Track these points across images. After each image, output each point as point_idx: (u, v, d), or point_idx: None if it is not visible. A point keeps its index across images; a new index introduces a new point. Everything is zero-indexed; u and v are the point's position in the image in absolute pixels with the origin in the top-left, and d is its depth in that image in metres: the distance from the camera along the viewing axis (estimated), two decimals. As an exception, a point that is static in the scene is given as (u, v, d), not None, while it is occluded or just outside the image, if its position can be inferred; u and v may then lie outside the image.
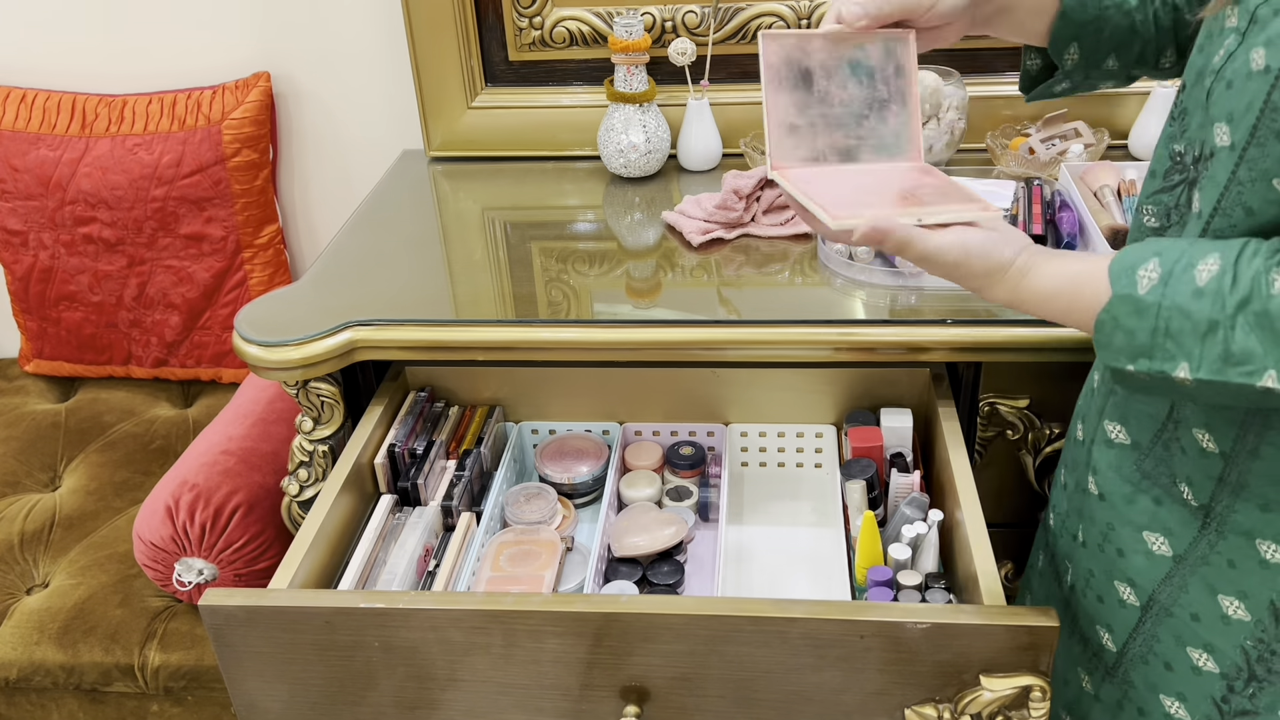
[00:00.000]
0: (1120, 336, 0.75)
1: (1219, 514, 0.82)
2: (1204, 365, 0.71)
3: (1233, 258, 0.71)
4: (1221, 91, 0.74)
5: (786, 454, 1.34)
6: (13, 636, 1.44)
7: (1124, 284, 0.75)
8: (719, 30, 1.59)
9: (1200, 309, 0.71)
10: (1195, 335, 0.71)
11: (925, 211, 0.82)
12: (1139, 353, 0.74)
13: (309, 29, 1.73)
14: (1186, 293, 0.71)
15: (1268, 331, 0.68)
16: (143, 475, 1.69)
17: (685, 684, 0.95)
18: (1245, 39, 0.72)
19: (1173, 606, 0.87)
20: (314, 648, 0.96)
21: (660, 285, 1.33)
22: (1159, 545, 0.88)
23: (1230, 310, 0.70)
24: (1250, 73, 0.71)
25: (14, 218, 1.77)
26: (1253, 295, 0.69)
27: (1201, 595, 0.85)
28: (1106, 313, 0.75)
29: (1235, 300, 0.69)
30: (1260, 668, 0.84)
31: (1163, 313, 0.72)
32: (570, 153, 1.68)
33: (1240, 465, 0.80)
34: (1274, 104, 0.69)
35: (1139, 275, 0.74)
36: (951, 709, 0.92)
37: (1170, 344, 0.72)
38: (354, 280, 1.36)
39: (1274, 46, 0.69)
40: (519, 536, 1.20)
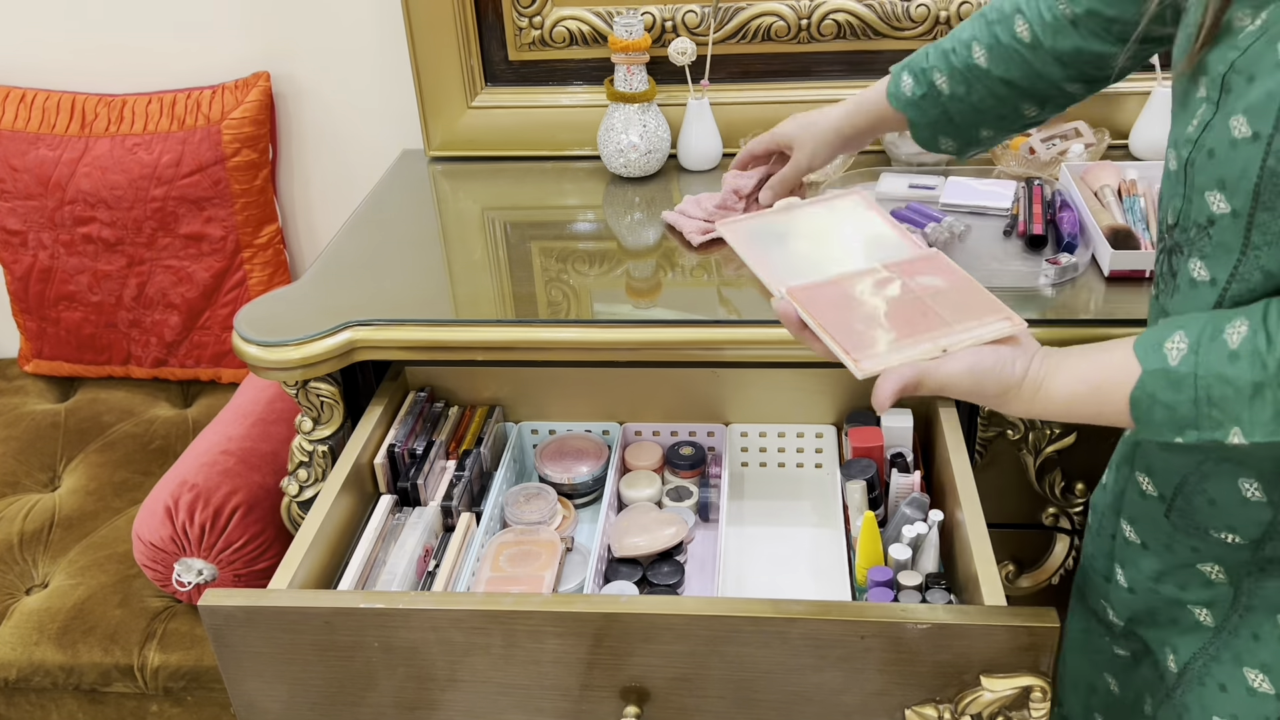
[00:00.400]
0: (1160, 411, 0.74)
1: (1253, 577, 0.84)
2: (1257, 429, 0.70)
3: (1259, 317, 0.71)
4: (1204, 161, 0.74)
5: (786, 454, 1.34)
6: (12, 637, 1.44)
7: (1153, 360, 0.74)
8: (719, 30, 1.59)
9: (1239, 373, 0.70)
10: (1241, 400, 0.71)
11: (950, 339, 0.79)
12: (1184, 425, 0.73)
13: (308, 29, 1.73)
14: (1221, 358, 0.71)
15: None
16: (142, 475, 1.69)
17: (685, 684, 0.95)
18: (1220, 107, 0.73)
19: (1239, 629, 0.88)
20: (314, 648, 0.96)
21: (660, 285, 1.33)
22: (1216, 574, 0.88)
23: (1273, 370, 0.69)
24: (1234, 140, 0.71)
25: (13, 218, 1.77)
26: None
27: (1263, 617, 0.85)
28: (1140, 390, 0.74)
29: (1276, 359, 0.69)
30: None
31: (1200, 381, 0.72)
32: (570, 153, 1.68)
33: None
34: (1271, 169, 0.69)
35: (1167, 349, 0.74)
36: (952, 709, 0.92)
37: (1216, 412, 0.72)
38: (354, 280, 1.36)
39: (1257, 114, 0.70)
40: (519, 537, 1.20)
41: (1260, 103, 0.69)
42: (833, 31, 1.57)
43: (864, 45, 1.58)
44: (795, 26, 1.58)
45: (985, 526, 1.03)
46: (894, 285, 0.86)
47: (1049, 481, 1.29)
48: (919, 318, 0.82)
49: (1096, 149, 1.50)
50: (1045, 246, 1.32)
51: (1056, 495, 1.30)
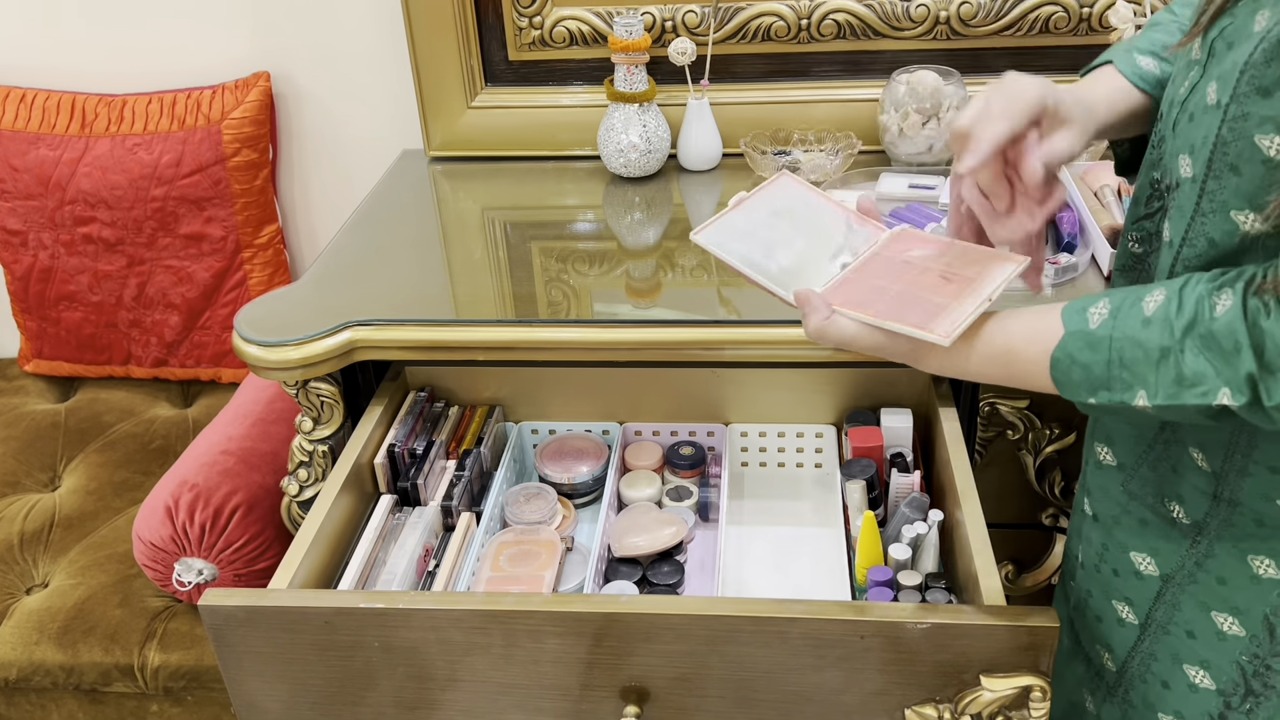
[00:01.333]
0: (1077, 371, 0.77)
1: (1213, 530, 0.83)
2: (1160, 391, 0.73)
3: (1177, 287, 0.73)
4: (1185, 124, 0.76)
5: (786, 454, 1.34)
6: (12, 636, 1.44)
7: (1076, 322, 0.77)
8: (719, 30, 1.59)
9: (1150, 337, 0.73)
10: (1149, 363, 0.73)
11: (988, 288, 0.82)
12: (1098, 385, 0.76)
13: (309, 29, 1.73)
14: (1136, 323, 0.74)
15: (1215, 352, 0.70)
16: (142, 475, 1.69)
17: (685, 684, 0.95)
18: (1205, 71, 0.74)
19: (1169, 624, 0.89)
20: (314, 648, 0.96)
21: (660, 285, 1.33)
22: (1146, 565, 0.89)
23: (1179, 335, 0.72)
24: (1206, 106, 0.73)
25: (14, 217, 1.77)
26: (1198, 319, 0.71)
27: (1195, 613, 0.86)
28: (1060, 350, 0.77)
29: (1182, 325, 0.72)
30: (1257, 682, 0.85)
31: (1114, 344, 0.75)
32: (570, 153, 1.68)
33: (1232, 483, 0.81)
34: (1223, 139, 0.71)
35: (1090, 313, 0.77)
36: (952, 709, 0.92)
37: (1126, 374, 0.74)
38: (354, 280, 1.36)
39: (1224, 82, 0.71)
40: (519, 536, 1.20)
41: (1228, 71, 0.71)
42: (833, 31, 1.57)
43: (864, 45, 1.58)
44: (795, 26, 1.58)
45: (985, 526, 1.03)
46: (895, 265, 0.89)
47: (1049, 481, 1.29)
48: (946, 284, 0.85)
49: (1096, 149, 1.50)
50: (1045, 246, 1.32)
51: (1056, 495, 1.30)
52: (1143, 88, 0.91)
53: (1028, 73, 0.89)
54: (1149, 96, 0.91)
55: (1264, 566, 0.81)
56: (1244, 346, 0.69)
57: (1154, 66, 0.91)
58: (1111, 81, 0.92)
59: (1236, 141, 0.71)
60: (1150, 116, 0.91)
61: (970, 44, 1.56)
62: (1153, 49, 0.92)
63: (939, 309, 0.82)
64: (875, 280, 0.88)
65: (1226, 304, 0.70)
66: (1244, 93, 0.69)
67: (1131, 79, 0.91)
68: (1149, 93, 0.91)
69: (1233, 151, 0.71)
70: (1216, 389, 0.70)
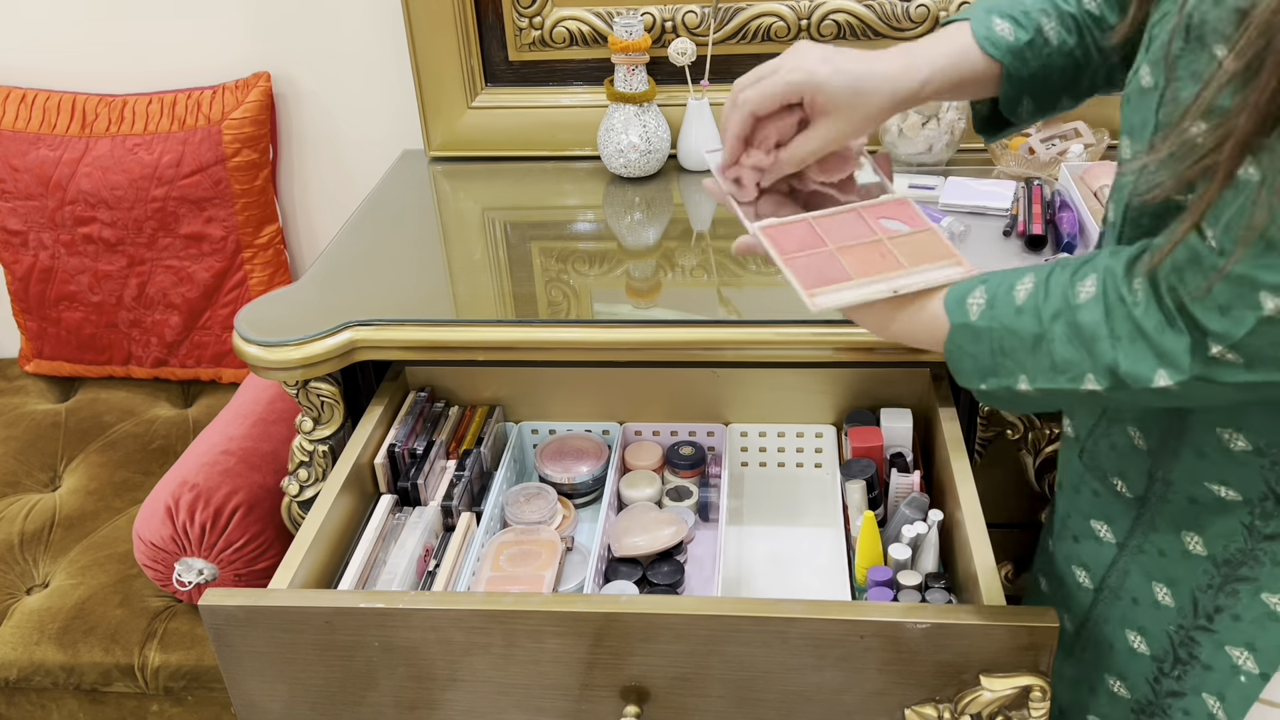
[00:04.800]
0: (967, 361, 0.80)
1: (1153, 505, 0.86)
2: (1038, 376, 0.76)
3: (1044, 275, 0.76)
4: (1128, 107, 0.77)
5: (786, 454, 1.34)
6: (13, 636, 1.44)
7: (958, 314, 0.80)
8: (719, 30, 1.59)
9: (1023, 325, 0.76)
10: (1025, 350, 0.76)
11: (901, 281, 0.84)
12: (986, 372, 0.79)
13: (309, 29, 1.73)
14: (1010, 312, 0.77)
15: (1079, 340, 0.73)
16: (143, 475, 1.69)
17: (685, 684, 0.95)
18: (1144, 55, 0.75)
19: (1119, 590, 0.91)
20: (314, 648, 0.96)
21: (660, 285, 1.33)
22: (1104, 532, 0.92)
23: (1047, 323, 0.75)
24: (1142, 89, 0.74)
25: (14, 218, 1.77)
26: (1063, 307, 0.74)
27: (1140, 580, 0.89)
28: (951, 342, 0.81)
29: (1049, 313, 0.75)
30: (1183, 651, 0.87)
31: (994, 334, 0.78)
32: (570, 153, 1.68)
33: (1165, 464, 0.83)
34: (1160, 122, 0.72)
35: (969, 304, 0.79)
36: (952, 709, 0.92)
37: (1008, 361, 0.77)
38: (354, 280, 1.36)
39: (1156, 66, 0.72)
40: (519, 536, 1.20)
41: (1157, 55, 0.72)
42: (833, 32, 1.57)
43: (864, 45, 1.58)
44: (795, 27, 1.58)
45: (985, 526, 1.03)
46: (860, 226, 0.89)
47: (1049, 481, 1.29)
48: (877, 259, 0.86)
49: (1096, 149, 1.50)
50: (1045, 246, 1.32)
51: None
52: (992, 53, 0.87)
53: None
54: (997, 63, 0.87)
55: (1194, 543, 0.84)
56: (1102, 337, 0.72)
57: (1009, 32, 0.87)
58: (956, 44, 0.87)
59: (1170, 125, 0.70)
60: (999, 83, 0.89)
61: (970, 44, 1.56)
62: (1012, 13, 0.88)
63: (840, 278, 0.84)
64: (825, 231, 0.88)
65: (1090, 291, 0.73)
66: (1177, 78, 0.69)
67: (982, 43, 0.87)
68: (998, 59, 0.87)
69: None
70: (1083, 375, 0.74)
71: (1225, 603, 0.83)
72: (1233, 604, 0.83)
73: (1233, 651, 0.84)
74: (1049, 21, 0.88)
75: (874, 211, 0.91)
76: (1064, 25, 0.88)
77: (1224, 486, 0.80)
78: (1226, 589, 0.83)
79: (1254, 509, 0.79)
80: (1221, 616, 0.84)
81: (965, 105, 1.52)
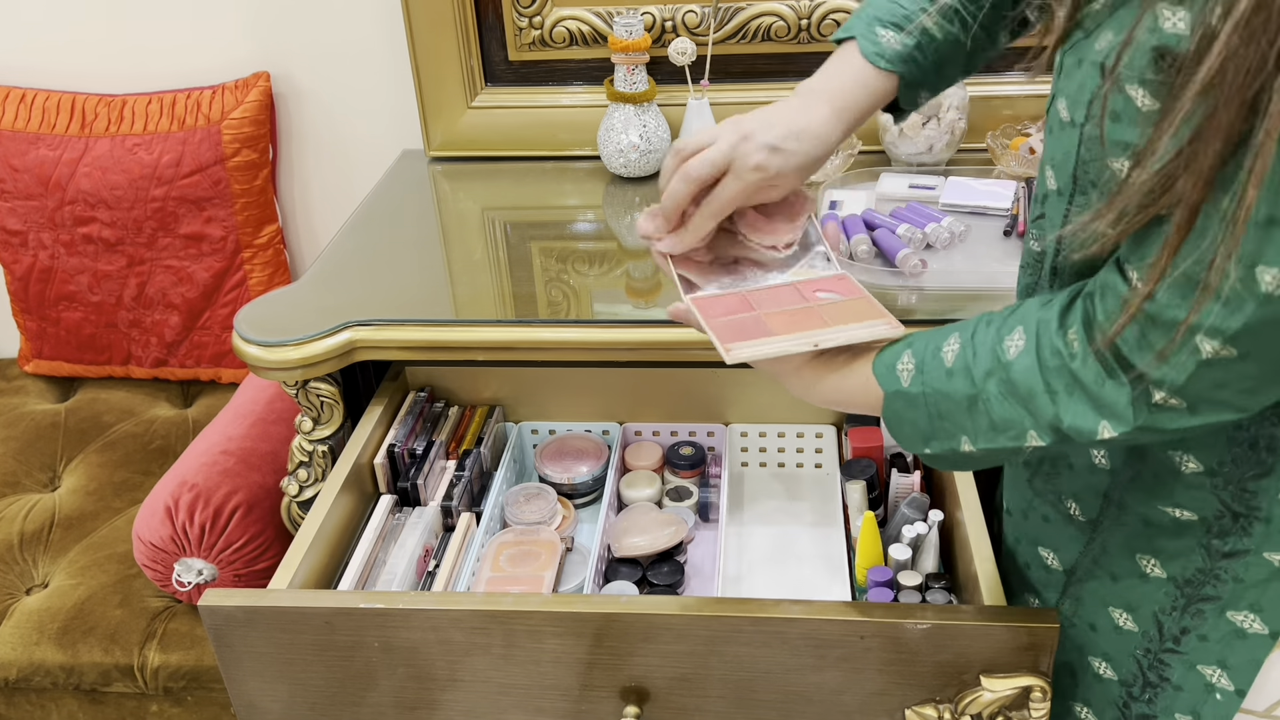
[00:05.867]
0: (907, 428, 0.80)
1: (1105, 528, 0.85)
2: (979, 437, 0.76)
3: (969, 334, 0.76)
4: (1050, 137, 0.77)
5: (786, 454, 1.34)
6: (12, 636, 1.44)
7: (890, 382, 0.80)
8: (719, 30, 1.59)
9: (955, 388, 0.76)
10: (962, 412, 0.76)
11: (822, 335, 0.83)
12: (928, 437, 0.79)
13: (309, 29, 1.73)
14: (940, 375, 0.77)
15: (1015, 398, 0.73)
16: (142, 475, 1.69)
17: (685, 684, 0.95)
18: (1057, 88, 0.74)
19: (1074, 618, 0.90)
20: (314, 648, 0.96)
21: (660, 285, 1.33)
22: (1052, 560, 0.91)
23: (979, 383, 0.74)
24: (1061, 123, 0.74)
25: (14, 218, 1.77)
26: (994, 365, 0.74)
27: (1095, 607, 0.88)
28: (887, 409, 0.80)
29: (980, 373, 0.74)
30: (1153, 674, 0.86)
31: (928, 398, 0.77)
32: (570, 153, 1.68)
33: (1122, 485, 0.82)
34: (1083, 158, 0.72)
35: (899, 370, 0.79)
36: (952, 709, 0.92)
37: (947, 424, 0.77)
38: (354, 280, 1.36)
39: (1074, 101, 0.71)
40: (519, 537, 1.20)
41: (1074, 92, 0.71)
42: (833, 31, 1.57)
43: (864, 45, 1.58)
44: (795, 26, 1.58)
45: (985, 526, 1.03)
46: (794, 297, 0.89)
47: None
48: (803, 318, 0.86)
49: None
50: (1045, 246, 1.32)
51: (1056, 495, 1.29)
52: (885, 68, 0.87)
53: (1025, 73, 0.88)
54: (894, 75, 0.88)
55: (1151, 566, 0.83)
56: (1039, 392, 0.71)
57: (895, 41, 0.87)
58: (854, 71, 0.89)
59: (1094, 161, 0.70)
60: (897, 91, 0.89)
61: (970, 44, 1.56)
62: (894, 19, 0.88)
63: (762, 334, 0.84)
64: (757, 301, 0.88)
65: (1019, 345, 0.73)
66: (1094, 115, 0.68)
67: (873, 60, 0.88)
68: (895, 71, 0.88)
69: (1093, 170, 0.71)
70: (1025, 432, 0.73)
71: (1191, 624, 0.82)
72: (1199, 624, 0.82)
73: (1205, 670, 0.83)
74: (930, 19, 0.88)
75: (811, 285, 0.91)
76: (944, 16, 0.88)
77: (1177, 508, 0.79)
78: (1191, 610, 0.82)
79: (1210, 527, 0.79)
80: (1189, 638, 0.83)
81: (965, 105, 1.52)
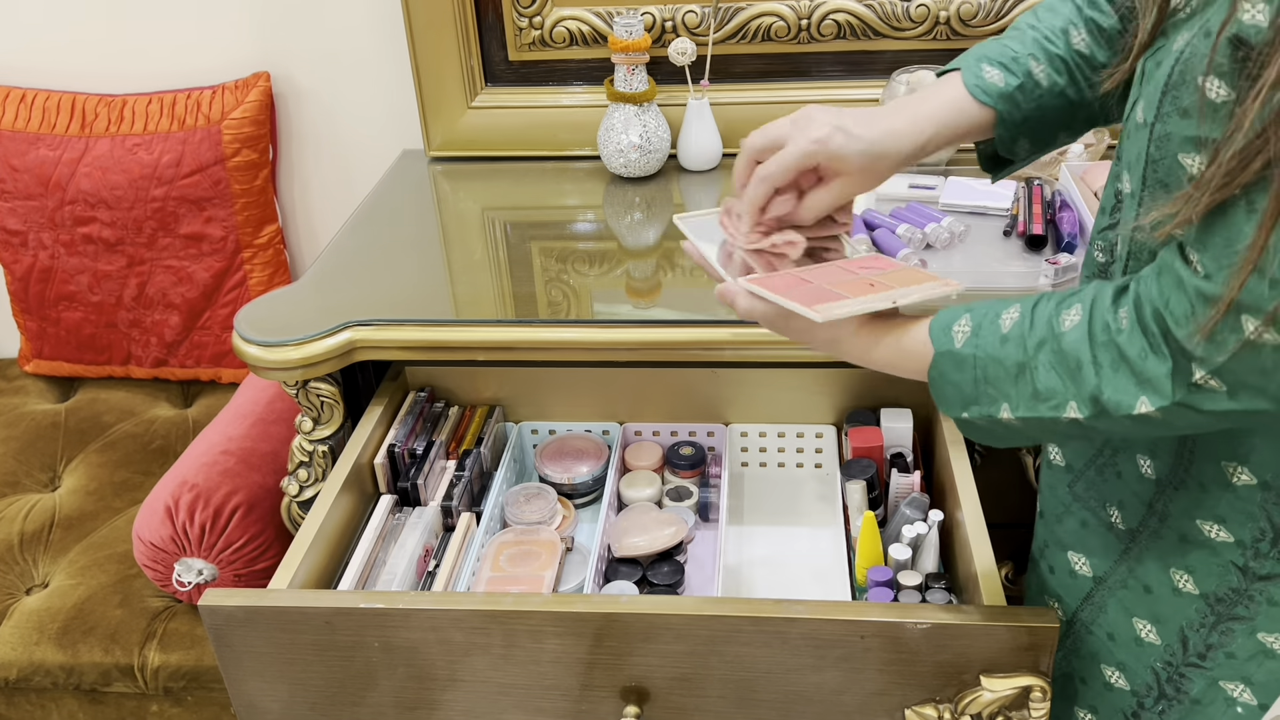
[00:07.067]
0: (949, 389, 0.80)
1: (1143, 540, 0.85)
2: (1020, 405, 0.76)
3: (1030, 305, 0.77)
4: (1125, 140, 0.78)
5: (786, 454, 1.34)
6: (12, 636, 1.44)
7: (943, 341, 0.80)
8: (719, 30, 1.59)
9: (1008, 354, 0.76)
10: (1009, 379, 0.76)
11: (898, 294, 0.84)
12: (969, 401, 0.79)
13: (308, 29, 1.73)
14: (995, 341, 0.77)
15: (1063, 368, 0.74)
16: (142, 475, 1.69)
17: (685, 684, 0.95)
18: (1139, 91, 0.76)
19: (1092, 625, 0.91)
20: (314, 648, 0.96)
21: (660, 285, 1.33)
22: (1081, 566, 0.91)
23: (1031, 352, 0.75)
24: (1137, 124, 0.75)
25: (14, 218, 1.77)
26: (1047, 336, 0.74)
27: (1118, 616, 0.88)
28: (934, 369, 0.81)
29: (1034, 342, 0.75)
30: (1170, 687, 0.87)
31: (978, 362, 0.78)
32: (570, 153, 1.68)
33: (1168, 495, 0.83)
34: (1152, 157, 0.73)
35: (954, 331, 0.80)
36: (952, 709, 0.92)
37: (991, 389, 0.77)
38: (354, 280, 1.36)
39: (1149, 101, 0.72)
40: (519, 537, 1.20)
41: (1152, 91, 0.72)
42: (833, 32, 1.57)
43: (864, 45, 1.58)
44: (795, 26, 1.58)
45: (985, 526, 1.03)
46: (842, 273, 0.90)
47: (1049, 481, 1.29)
48: (867, 288, 0.87)
49: (1096, 149, 1.50)
50: (1045, 247, 1.32)
51: (1056, 495, 1.30)
52: (984, 101, 0.90)
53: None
54: (990, 109, 0.90)
55: (1184, 581, 0.83)
56: (1085, 363, 0.72)
57: (999, 79, 0.90)
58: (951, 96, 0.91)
59: (1164, 160, 0.72)
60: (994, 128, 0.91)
61: (970, 44, 1.56)
62: (1001, 59, 0.91)
63: (833, 297, 0.84)
64: (810, 276, 0.89)
65: (1074, 319, 0.74)
66: (1166, 112, 0.70)
67: (973, 91, 0.90)
68: (990, 106, 0.90)
69: (1161, 169, 0.72)
70: (1065, 403, 0.74)
71: (1219, 640, 0.83)
72: (1227, 642, 0.83)
73: (1228, 686, 0.84)
74: (1038, 65, 0.90)
75: (852, 264, 0.92)
76: (1053, 67, 0.90)
77: (1219, 525, 0.80)
78: (1220, 627, 0.83)
79: (1246, 550, 0.79)
80: (1215, 654, 0.83)
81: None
